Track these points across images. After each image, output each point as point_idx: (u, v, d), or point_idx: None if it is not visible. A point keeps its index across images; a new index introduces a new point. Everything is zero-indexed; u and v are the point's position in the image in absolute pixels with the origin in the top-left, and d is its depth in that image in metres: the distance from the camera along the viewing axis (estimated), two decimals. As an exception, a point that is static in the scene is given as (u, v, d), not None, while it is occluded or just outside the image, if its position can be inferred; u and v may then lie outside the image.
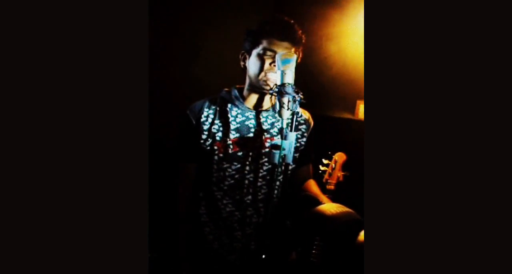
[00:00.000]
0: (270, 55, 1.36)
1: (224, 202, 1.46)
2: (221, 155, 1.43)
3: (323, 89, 2.22)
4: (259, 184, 1.45)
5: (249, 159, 1.43)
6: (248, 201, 1.45)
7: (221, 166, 1.43)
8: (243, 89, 1.48)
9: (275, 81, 1.27)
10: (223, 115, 1.45)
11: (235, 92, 1.48)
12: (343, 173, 1.63)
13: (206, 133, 1.44)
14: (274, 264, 1.50)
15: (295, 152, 1.52)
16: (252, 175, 1.44)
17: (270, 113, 1.47)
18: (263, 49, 1.37)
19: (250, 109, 1.46)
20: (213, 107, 1.47)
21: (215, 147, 1.43)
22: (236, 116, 1.45)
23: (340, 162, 1.64)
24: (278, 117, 1.25)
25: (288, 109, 1.18)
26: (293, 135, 1.18)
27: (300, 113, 1.54)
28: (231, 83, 1.52)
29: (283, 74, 1.20)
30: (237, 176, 1.44)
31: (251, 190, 1.45)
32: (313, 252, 1.55)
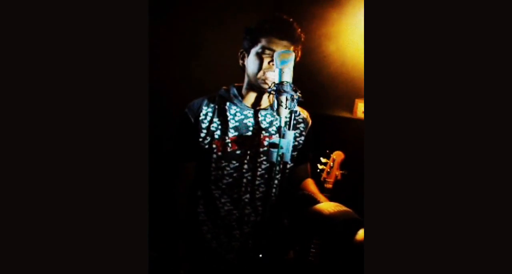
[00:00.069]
0: (269, 54, 1.36)
1: (222, 200, 1.46)
2: (220, 153, 1.42)
3: (321, 88, 2.23)
4: (258, 182, 1.45)
5: (248, 158, 1.43)
6: (246, 200, 1.45)
7: (220, 164, 1.43)
8: (242, 88, 1.48)
9: (273, 80, 1.27)
10: (221, 114, 1.44)
11: (234, 90, 1.47)
12: (341, 172, 1.63)
13: (204, 131, 1.43)
14: (272, 263, 1.50)
15: (293, 151, 1.52)
16: (250, 174, 1.44)
17: (268, 111, 1.47)
18: (262, 47, 1.37)
19: (248, 107, 1.46)
20: (212, 105, 1.46)
21: (214, 145, 1.43)
22: (234, 114, 1.44)
23: (338, 160, 1.64)
24: (276, 116, 1.25)
25: (286, 107, 1.18)
26: (291, 134, 1.18)
27: (298, 112, 1.54)
28: (230, 82, 1.52)
29: (281, 72, 1.20)
30: (235, 175, 1.44)
31: (249, 189, 1.45)
32: (311, 251, 1.55)
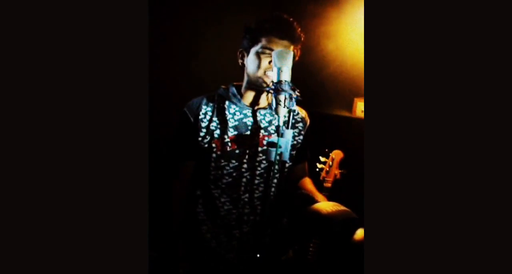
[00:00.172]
0: (269, 53, 1.35)
1: (221, 200, 1.45)
2: (219, 153, 1.42)
3: (320, 87, 2.22)
4: (257, 181, 1.45)
5: (247, 157, 1.43)
6: (245, 199, 1.45)
7: (219, 163, 1.43)
8: (241, 87, 1.48)
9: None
10: (221, 113, 1.44)
11: (233, 89, 1.47)
12: (340, 171, 1.63)
13: (204, 131, 1.43)
14: (271, 262, 1.50)
15: (292, 150, 1.52)
16: (249, 173, 1.44)
17: (268, 111, 1.46)
18: (262, 47, 1.36)
19: (248, 107, 1.46)
20: (211, 104, 1.45)
21: (213, 145, 1.42)
22: (234, 114, 1.44)
23: (337, 159, 1.64)
24: (275, 115, 1.24)
25: (284, 106, 1.17)
26: (289, 133, 1.18)
27: (297, 111, 1.54)
28: (230, 81, 1.51)
29: (279, 71, 1.19)
30: (234, 174, 1.43)
31: (249, 188, 1.45)
32: (310, 250, 1.55)
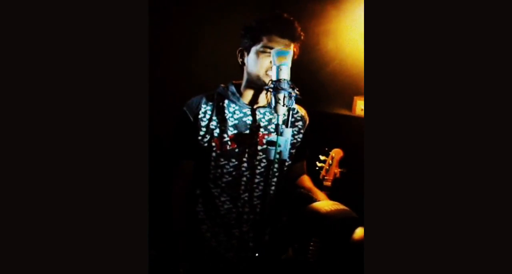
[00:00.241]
0: (270, 52, 1.33)
1: (221, 199, 1.45)
2: (219, 152, 1.42)
3: (320, 85, 2.22)
4: (257, 180, 1.45)
5: (247, 156, 1.43)
6: (245, 198, 1.45)
7: (219, 162, 1.43)
8: (240, 85, 1.47)
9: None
10: (220, 112, 1.44)
11: (232, 88, 1.47)
12: (340, 170, 1.62)
13: (204, 130, 1.43)
14: (271, 261, 1.50)
15: (292, 148, 1.51)
16: (249, 172, 1.44)
17: (267, 109, 1.46)
18: (263, 46, 1.36)
19: (247, 105, 1.46)
20: (211, 103, 1.45)
21: (213, 144, 1.42)
22: (233, 112, 1.44)
23: (337, 158, 1.63)
24: (274, 114, 1.24)
25: (283, 105, 1.17)
26: (289, 132, 1.18)
27: (296, 109, 1.54)
28: (230, 80, 1.51)
29: (278, 70, 1.19)
30: (234, 173, 1.43)
31: (249, 187, 1.45)
32: (310, 249, 1.55)
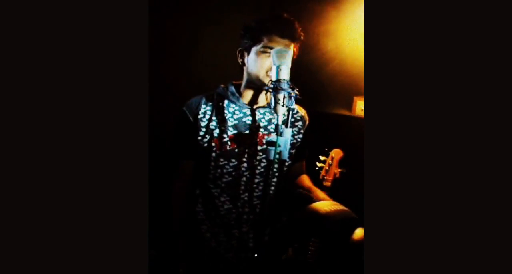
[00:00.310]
0: (270, 52, 1.34)
1: (221, 199, 1.45)
2: (219, 152, 1.42)
3: (320, 86, 2.22)
4: (256, 180, 1.45)
5: (247, 156, 1.43)
6: (245, 198, 1.45)
7: (218, 163, 1.43)
8: (240, 85, 1.47)
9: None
10: (220, 112, 1.44)
11: (232, 88, 1.46)
12: (340, 170, 1.62)
13: (203, 130, 1.43)
14: (270, 262, 1.49)
15: (292, 148, 1.51)
16: (249, 172, 1.44)
17: (267, 109, 1.46)
18: (264, 46, 1.35)
19: (247, 105, 1.45)
20: (210, 103, 1.45)
21: (213, 144, 1.42)
22: (233, 112, 1.44)
23: (337, 158, 1.63)
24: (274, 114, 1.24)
25: (283, 105, 1.17)
26: (288, 132, 1.17)
27: (296, 109, 1.54)
28: (230, 80, 1.51)
29: (278, 70, 1.18)
30: (234, 173, 1.43)
31: (248, 187, 1.45)
32: (309, 249, 1.55)
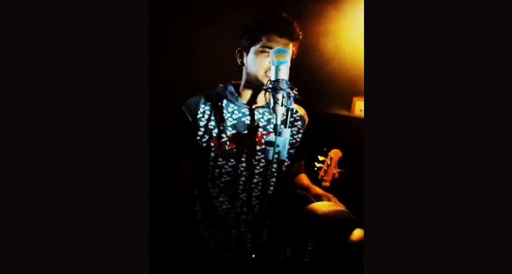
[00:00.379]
0: (269, 52, 1.34)
1: (220, 199, 1.45)
2: (217, 152, 1.42)
3: (319, 86, 2.22)
4: (255, 180, 1.45)
5: (245, 156, 1.43)
6: (244, 198, 1.45)
7: (217, 162, 1.43)
8: (239, 85, 1.47)
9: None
10: (219, 112, 1.44)
11: (231, 88, 1.46)
12: (338, 170, 1.62)
13: (202, 129, 1.42)
14: (268, 262, 1.49)
15: (291, 148, 1.51)
16: (248, 172, 1.44)
17: (266, 109, 1.46)
18: (263, 46, 1.35)
19: (246, 105, 1.45)
20: (209, 103, 1.45)
21: (212, 144, 1.42)
22: (232, 112, 1.44)
23: (335, 158, 1.63)
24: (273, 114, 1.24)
25: (282, 105, 1.17)
26: (287, 132, 1.17)
27: (295, 109, 1.54)
28: (229, 79, 1.51)
29: (277, 70, 1.18)
30: (233, 173, 1.43)
31: (247, 187, 1.45)
32: (308, 249, 1.55)
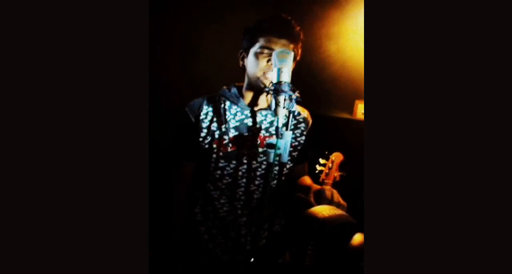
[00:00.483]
0: (267, 53, 1.34)
1: (221, 201, 1.45)
2: (220, 153, 1.42)
3: (321, 89, 2.22)
4: (257, 182, 1.45)
5: (247, 158, 1.42)
6: (245, 200, 1.45)
7: (219, 164, 1.42)
8: (243, 88, 1.47)
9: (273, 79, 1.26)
10: (222, 114, 1.44)
11: (234, 90, 1.47)
12: (340, 173, 1.62)
13: (205, 131, 1.42)
14: (268, 265, 1.49)
15: (294, 151, 1.51)
16: (249, 174, 1.44)
17: (269, 111, 1.46)
18: (261, 47, 1.35)
19: (249, 107, 1.45)
20: (212, 105, 1.45)
21: (214, 145, 1.42)
22: (235, 114, 1.44)
23: (337, 161, 1.62)
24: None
25: (284, 108, 1.16)
26: (289, 135, 1.17)
27: (298, 112, 1.53)
28: (232, 81, 1.51)
29: (279, 72, 1.18)
30: (234, 175, 1.43)
31: (249, 189, 1.44)
32: (308, 253, 1.54)
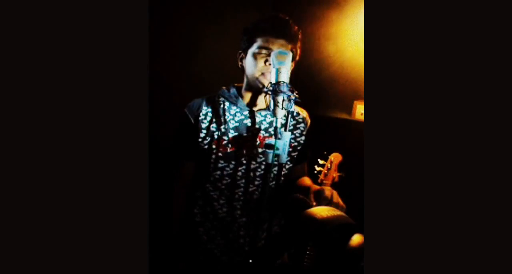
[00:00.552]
0: (265, 53, 1.34)
1: (220, 202, 1.45)
2: (219, 154, 1.42)
3: (320, 89, 2.22)
4: (257, 182, 1.45)
5: (247, 158, 1.42)
6: (244, 201, 1.45)
7: (218, 165, 1.42)
8: (242, 88, 1.47)
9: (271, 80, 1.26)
10: (221, 114, 1.44)
11: (234, 90, 1.47)
12: (338, 174, 1.62)
13: (204, 131, 1.42)
14: (266, 267, 1.49)
15: (293, 151, 1.51)
16: (249, 175, 1.44)
17: (268, 112, 1.46)
18: (258, 47, 1.35)
19: (248, 108, 1.45)
20: (211, 105, 1.45)
21: (213, 146, 1.42)
22: (234, 115, 1.44)
23: (335, 162, 1.62)
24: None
25: (282, 108, 1.16)
26: (287, 135, 1.17)
27: (297, 112, 1.54)
28: (231, 82, 1.51)
29: (278, 72, 1.18)
30: (234, 175, 1.43)
31: (248, 190, 1.44)
32: (306, 254, 1.54)
